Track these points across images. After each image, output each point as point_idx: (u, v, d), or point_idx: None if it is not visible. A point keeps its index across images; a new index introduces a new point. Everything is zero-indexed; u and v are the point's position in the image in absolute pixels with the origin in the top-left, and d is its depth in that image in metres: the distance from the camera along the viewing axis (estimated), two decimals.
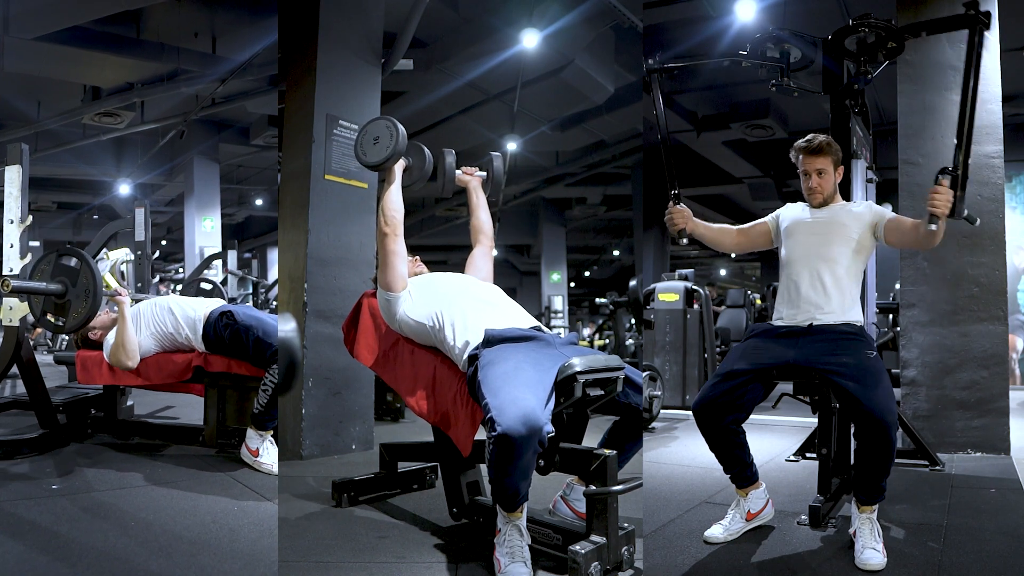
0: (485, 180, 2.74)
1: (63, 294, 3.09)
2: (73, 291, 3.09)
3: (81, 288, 3.07)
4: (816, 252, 2.38)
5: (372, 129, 2.40)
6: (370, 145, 2.38)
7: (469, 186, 2.71)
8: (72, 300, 3.09)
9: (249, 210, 14.90)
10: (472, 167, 2.73)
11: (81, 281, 3.08)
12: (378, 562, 2.09)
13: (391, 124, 2.35)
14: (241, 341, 3.04)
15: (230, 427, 3.26)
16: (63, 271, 3.13)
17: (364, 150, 2.39)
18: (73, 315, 3.09)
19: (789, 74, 2.97)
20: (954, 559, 2.08)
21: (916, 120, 3.86)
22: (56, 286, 3.09)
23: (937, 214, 2.11)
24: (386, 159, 2.34)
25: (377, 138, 2.37)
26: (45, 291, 3.08)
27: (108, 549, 2.05)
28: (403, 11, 4.32)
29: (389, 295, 2.34)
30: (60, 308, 3.13)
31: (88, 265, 3.08)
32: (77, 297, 3.09)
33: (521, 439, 1.76)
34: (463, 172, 2.70)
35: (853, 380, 2.13)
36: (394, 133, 2.33)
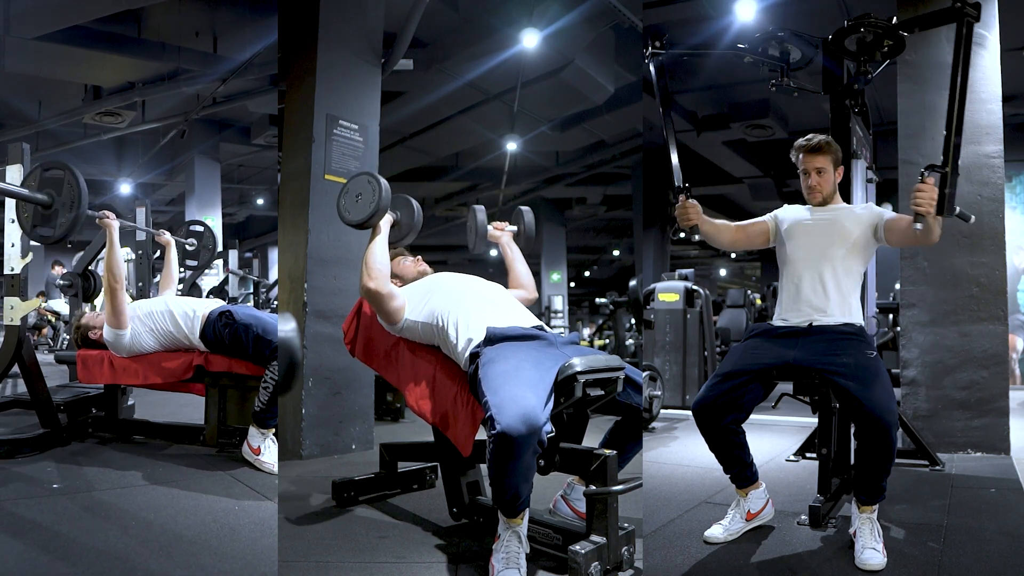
0: (516, 234, 2.69)
1: (50, 204, 3.09)
2: (59, 200, 3.08)
3: (67, 197, 3.07)
4: (817, 253, 2.38)
5: (354, 186, 2.31)
6: (352, 203, 2.30)
7: (501, 241, 2.67)
8: (59, 209, 3.09)
9: (250, 209, 14.91)
10: (502, 222, 2.69)
11: (66, 190, 3.07)
12: (378, 562, 2.09)
13: (373, 180, 2.27)
14: (241, 340, 3.05)
15: (231, 426, 3.26)
16: (49, 183, 3.13)
17: (347, 208, 2.31)
18: (60, 224, 3.09)
19: (789, 74, 2.98)
20: (954, 559, 2.09)
21: (916, 120, 3.86)
22: (43, 196, 3.10)
23: (920, 212, 2.07)
24: (369, 216, 2.27)
25: (359, 195, 2.28)
26: (31, 198, 3.08)
27: (108, 548, 2.05)
28: (403, 11, 4.32)
29: (393, 328, 2.36)
30: (47, 219, 3.14)
31: (73, 175, 3.07)
32: (63, 206, 3.08)
33: (521, 438, 1.76)
34: (494, 227, 2.66)
35: (853, 380, 2.13)
36: (376, 189, 2.25)
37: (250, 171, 12.48)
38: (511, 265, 2.67)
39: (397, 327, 2.34)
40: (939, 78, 3.84)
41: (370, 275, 2.26)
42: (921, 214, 2.06)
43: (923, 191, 2.06)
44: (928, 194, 2.06)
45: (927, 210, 2.05)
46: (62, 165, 3.13)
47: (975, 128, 3.77)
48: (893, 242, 2.36)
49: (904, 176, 3.87)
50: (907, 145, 3.88)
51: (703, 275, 21.18)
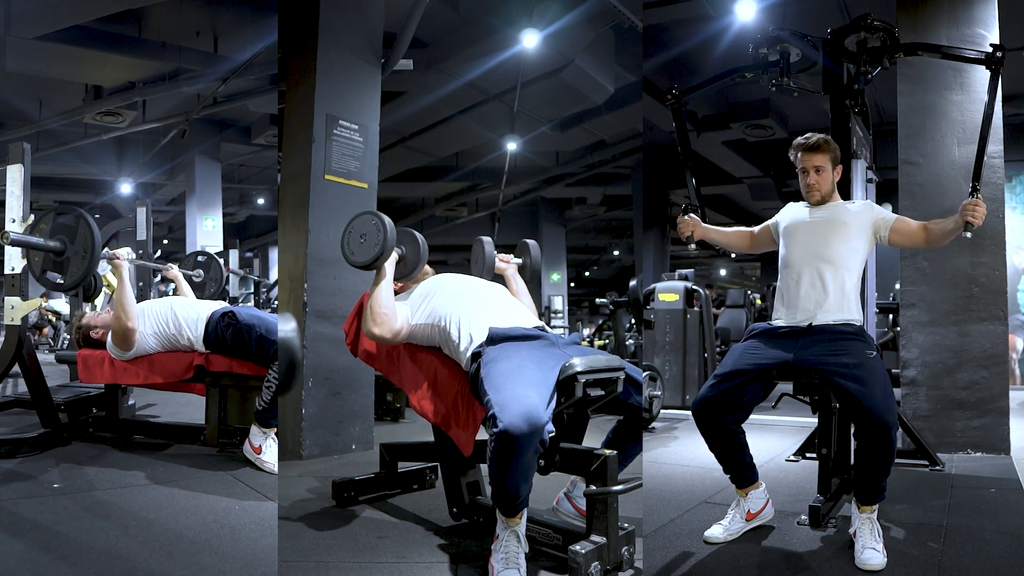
0: (522, 266, 2.70)
1: (62, 251, 3.09)
2: (71, 248, 3.08)
3: (80, 245, 3.07)
4: (816, 252, 2.38)
5: (358, 226, 2.25)
6: (357, 243, 2.24)
7: (506, 274, 2.68)
8: (71, 257, 3.09)
9: (251, 209, 14.91)
10: (508, 255, 2.70)
11: (79, 238, 3.07)
12: (378, 562, 2.10)
13: (378, 220, 2.21)
14: (244, 340, 3.05)
15: (231, 426, 3.27)
16: (62, 229, 3.13)
17: (351, 249, 2.25)
18: (72, 272, 3.09)
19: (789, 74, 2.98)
20: (954, 559, 2.09)
21: (916, 120, 3.87)
22: (55, 243, 3.09)
23: (975, 224, 2.23)
24: (375, 258, 2.21)
25: (364, 235, 2.22)
26: (44, 247, 3.08)
27: (109, 548, 2.06)
28: (403, 11, 4.32)
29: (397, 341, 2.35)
30: (59, 265, 3.13)
31: (87, 223, 3.07)
32: (76, 254, 3.08)
33: (523, 436, 1.76)
34: (500, 260, 2.66)
35: (853, 380, 2.13)
36: (381, 229, 2.19)
37: (251, 171, 12.48)
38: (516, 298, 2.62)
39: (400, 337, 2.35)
40: (939, 78, 3.84)
41: (375, 322, 2.23)
42: (974, 226, 2.24)
43: (980, 207, 2.23)
44: (983, 210, 2.24)
45: (979, 223, 2.24)
46: (77, 214, 3.12)
47: (975, 128, 3.76)
48: (898, 243, 2.42)
49: (904, 176, 3.88)
50: (907, 145, 3.88)
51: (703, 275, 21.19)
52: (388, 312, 2.25)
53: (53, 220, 3.15)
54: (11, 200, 3.30)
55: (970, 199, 2.24)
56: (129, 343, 3.17)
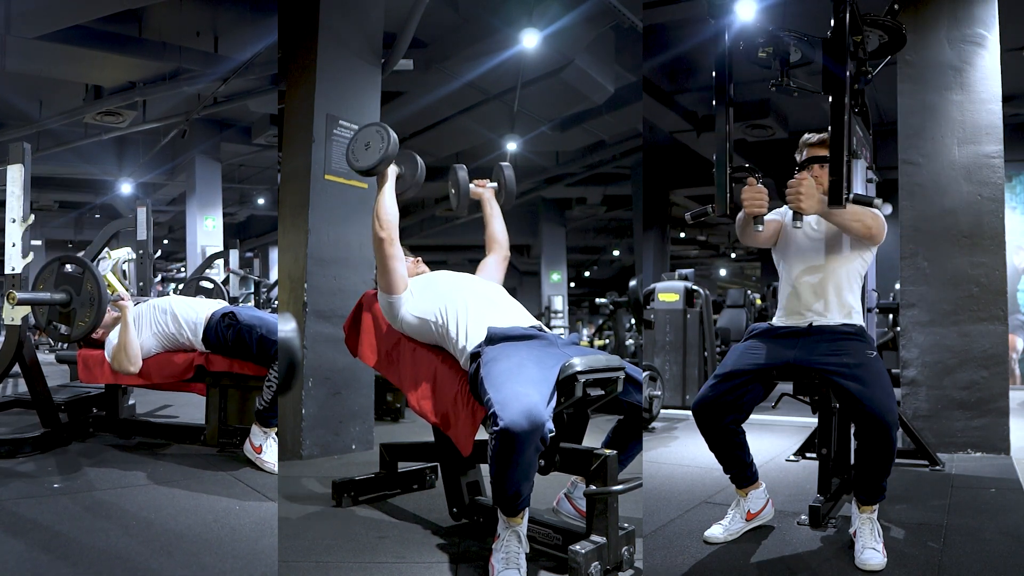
0: (497, 190, 2.76)
1: (68, 303, 3.11)
2: (78, 299, 3.11)
3: (85, 296, 3.09)
4: (816, 252, 2.38)
5: (363, 135, 2.41)
6: (361, 150, 2.39)
7: (483, 198, 2.73)
8: (77, 308, 3.11)
9: (251, 209, 14.91)
10: (483, 179, 2.76)
11: (85, 289, 3.09)
12: (378, 562, 2.10)
13: (382, 129, 2.36)
14: (245, 341, 3.05)
15: (232, 426, 3.27)
16: (66, 279, 3.15)
17: (356, 156, 2.40)
18: (79, 324, 3.11)
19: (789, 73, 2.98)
20: (954, 559, 2.09)
21: (916, 120, 3.87)
22: (61, 295, 3.11)
23: (794, 208, 2.03)
24: (377, 163, 2.35)
25: (368, 143, 2.38)
26: (50, 302, 3.10)
27: (109, 548, 2.06)
28: (403, 11, 4.32)
29: (391, 297, 2.35)
30: (65, 317, 3.14)
31: (92, 273, 3.09)
32: (82, 305, 3.10)
33: (524, 434, 1.76)
34: (475, 185, 2.72)
35: (853, 380, 2.13)
36: (385, 137, 2.34)
37: (251, 171, 12.48)
38: (489, 221, 2.73)
39: (397, 317, 2.34)
40: (939, 78, 3.84)
41: (381, 225, 2.32)
42: (794, 210, 2.03)
43: (790, 186, 2.03)
44: (794, 188, 2.03)
45: (797, 205, 2.03)
46: (80, 261, 3.15)
47: (975, 128, 3.78)
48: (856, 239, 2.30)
49: (904, 176, 3.88)
50: (907, 145, 3.88)
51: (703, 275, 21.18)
52: (392, 218, 2.34)
53: (57, 270, 3.16)
54: (11, 200, 3.30)
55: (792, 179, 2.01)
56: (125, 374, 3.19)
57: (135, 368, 3.14)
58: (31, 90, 8.09)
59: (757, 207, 2.10)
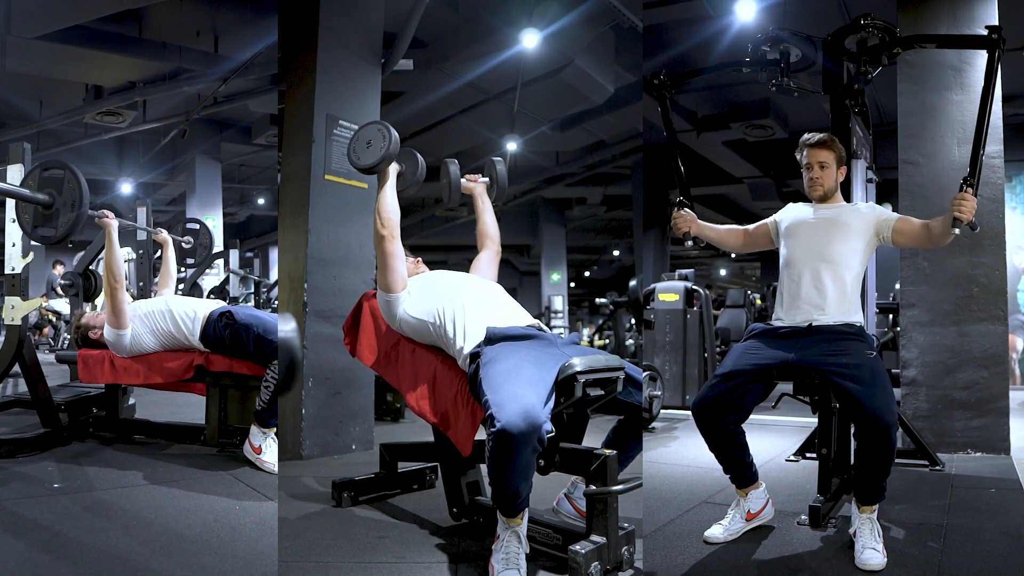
0: (489, 185, 2.76)
1: (50, 204, 3.09)
2: (60, 199, 3.08)
3: (68, 197, 3.07)
4: (817, 252, 2.38)
5: (364, 133, 2.41)
6: (363, 148, 2.39)
7: (475, 192, 2.74)
8: (60, 208, 3.09)
9: (251, 209, 14.91)
10: (475, 174, 2.76)
11: (67, 190, 3.07)
12: (378, 562, 2.10)
13: (383, 127, 2.37)
14: (242, 340, 3.05)
15: (231, 426, 3.26)
16: (49, 183, 3.13)
17: (357, 154, 2.40)
18: (62, 224, 3.09)
19: (789, 74, 2.98)
20: (954, 559, 2.09)
21: (916, 120, 3.87)
22: (44, 196, 3.10)
23: (963, 219, 2.21)
24: (379, 161, 2.35)
25: (370, 141, 2.38)
26: (32, 198, 3.08)
27: (109, 548, 2.06)
28: (403, 11, 4.32)
29: (389, 296, 2.35)
30: (48, 219, 3.13)
31: (73, 174, 3.07)
32: (64, 205, 3.08)
33: (521, 435, 1.76)
34: (467, 180, 2.72)
35: (853, 380, 2.13)
36: (386, 136, 2.34)
37: (251, 171, 12.48)
38: (480, 216, 2.73)
39: (396, 317, 2.34)
40: (939, 78, 3.84)
41: (383, 222, 2.33)
42: (962, 221, 2.21)
43: (968, 201, 2.21)
44: (971, 204, 2.22)
45: (968, 218, 2.21)
46: (62, 164, 3.12)
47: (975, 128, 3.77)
48: (900, 244, 2.42)
49: (904, 176, 3.88)
50: (907, 145, 3.88)
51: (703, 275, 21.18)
52: (394, 216, 2.36)
53: (40, 174, 3.15)
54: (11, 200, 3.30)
55: (959, 193, 2.23)
56: (120, 314, 3.18)
57: (119, 284, 3.18)
58: (31, 90, 8.09)
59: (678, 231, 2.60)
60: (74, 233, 3.11)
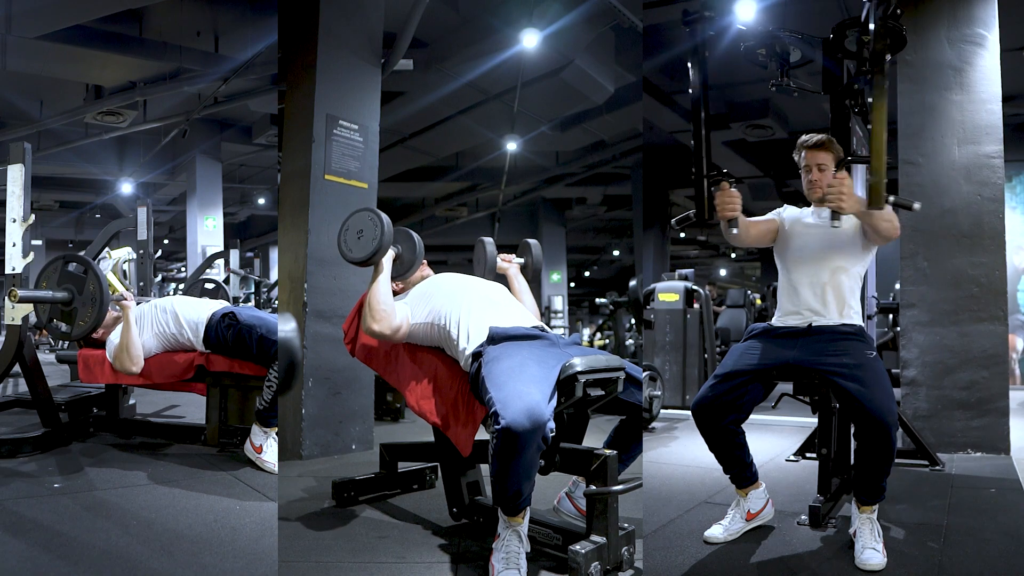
0: (524, 266, 2.71)
1: (69, 302, 3.11)
2: (79, 299, 3.11)
3: (87, 296, 3.09)
4: (816, 253, 2.38)
5: (355, 222, 2.29)
6: (354, 240, 2.28)
7: (508, 273, 2.69)
8: (79, 308, 3.11)
9: (251, 209, 14.91)
10: (510, 255, 2.71)
11: (87, 289, 3.09)
12: (378, 562, 2.10)
13: (375, 216, 2.25)
14: (245, 341, 3.05)
15: (232, 426, 3.27)
16: (69, 278, 3.15)
17: (348, 246, 2.29)
18: (80, 323, 3.11)
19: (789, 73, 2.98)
20: (954, 559, 2.09)
21: (916, 120, 3.87)
22: (63, 294, 3.11)
23: (833, 208, 2.06)
24: (372, 254, 2.25)
25: (361, 231, 2.26)
26: (52, 300, 3.10)
27: (110, 548, 2.06)
28: (403, 11, 4.32)
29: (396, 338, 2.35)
30: (67, 315, 3.14)
31: (94, 272, 3.09)
32: (83, 304, 3.11)
33: (525, 432, 1.76)
34: (502, 260, 2.67)
35: (853, 381, 2.13)
36: (378, 225, 2.23)
37: (251, 171, 12.48)
38: (518, 297, 2.64)
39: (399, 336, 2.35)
40: (939, 78, 3.84)
41: (374, 318, 2.25)
42: (834, 210, 2.06)
43: (832, 186, 2.06)
44: (836, 188, 2.05)
45: (839, 205, 2.05)
46: (85, 262, 3.15)
47: (975, 128, 3.78)
48: (874, 240, 2.32)
49: (904, 176, 3.88)
50: (907, 145, 3.88)
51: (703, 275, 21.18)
52: (387, 308, 2.26)
53: (60, 269, 3.16)
54: (12, 200, 3.30)
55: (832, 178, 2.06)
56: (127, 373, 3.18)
57: (136, 368, 3.13)
58: (32, 90, 8.10)
59: (730, 211, 2.20)
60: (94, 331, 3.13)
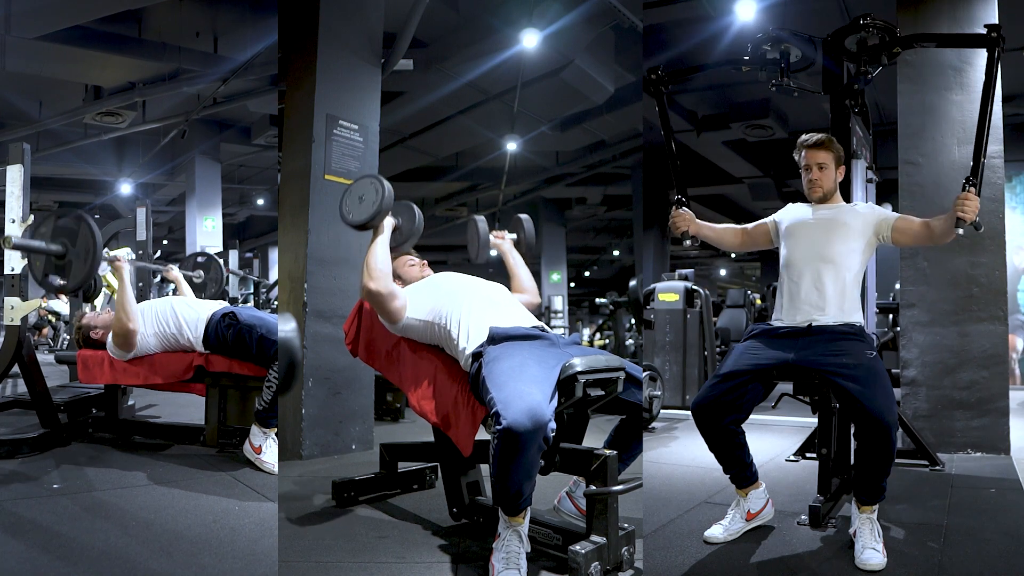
0: (517, 241, 2.73)
1: (63, 254, 3.09)
2: (73, 251, 3.10)
3: (81, 248, 3.08)
4: (817, 252, 2.38)
5: (356, 188, 2.33)
6: (355, 204, 2.31)
7: (502, 249, 2.71)
8: (72, 260, 3.10)
9: (250, 210, 14.90)
10: (502, 231, 2.73)
11: (81, 241, 3.08)
12: (378, 562, 2.10)
13: (377, 181, 2.28)
14: (245, 341, 3.05)
15: (231, 427, 3.26)
16: (63, 232, 3.14)
17: (349, 209, 2.31)
18: (73, 275, 3.09)
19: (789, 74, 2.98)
20: (954, 559, 2.09)
21: (916, 120, 3.87)
22: (56, 246, 3.09)
23: (966, 219, 2.20)
24: (371, 217, 2.27)
25: (362, 196, 2.30)
26: (46, 250, 3.09)
27: (109, 548, 2.06)
28: (403, 11, 4.32)
29: (395, 327, 2.36)
30: (60, 268, 3.14)
31: (88, 225, 3.08)
32: (77, 257, 3.09)
33: (526, 432, 1.76)
34: (494, 236, 2.69)
35: (853, 381, 2.13)
36: (380, 190, 2.26)
37: (251, 171, 12.48)
38: (513, 271, 2.70)
39: (398, 326, 2.34)
40: (939, 78, 3.84)
41: (371, 276, 2.25)
42: (965, 221, 2.21)
43: (970, 200, 2.21)
44: (974, 204, 2.21)
45: (972, 218, 2.20)
46: (77, 216, 3.13)
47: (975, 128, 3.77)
48: (901, 243, 2.42)
49: (904, 176, 3.88)
50: (907, 145, 3.88)
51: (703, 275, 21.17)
52: (384, 269, 2.27)
53: (54, 223, 3.15)
54: (11, 200, 3.30)
55: (962, 192, 2.23)
56: (130, 344, 3.17)
57: (133, 326, 3.13)
58: (31, 90, 8.09)
59: (676, 229, 2.57)
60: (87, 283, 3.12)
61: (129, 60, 6.99)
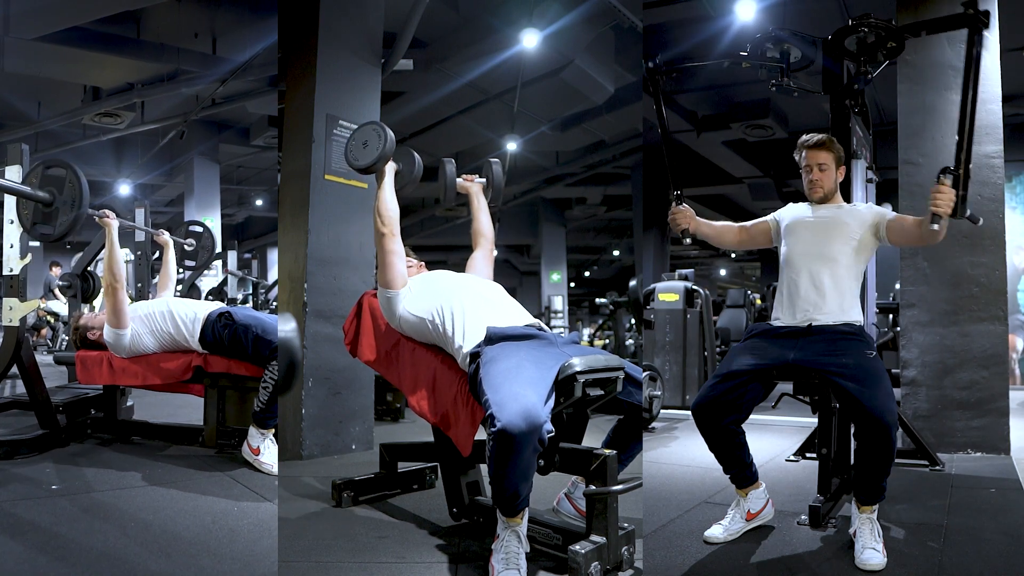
0: (485, 186, 2.79)
1: (50, 202, 3.09)
2: (60, 199, 3.09)
3: (68, 196, 3.07)
4: (816, 251, 2.38)
5: (360, 134, 2.44)
6: (359, 149, 2.43)
7: (470, 192, 2.76)
8: (59, 207, 3.09)
9: (249, 210, 14.91)
10: (472, 174, 2.79)
11: (67, 189, 3.07)
12: (378, 562, 2.09)
13: (379, 128, 2.40)
14: (240, 341, 3.04)
15: (230, 427, 3.26)
16: (51, 181, 3.13)
17: (354, 154, 2.44)
18: (60, 222, 3.09)
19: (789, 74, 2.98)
20: (954, 559, 2.08)
21: (916, 120, 3.86)
22: (44, 193, 3.09)
23: (939, 213, 2.12)
24: (375, 161, 2.39)
25: (366, 142, 2.42)
26: (32, 195, 3.07)
27: (107, 549, 2.05)
28: (403, 11, 4.32)
29: (389, 293, 2.35)
30: (48, 216, 3.13)
31: (75, 174, 3.07)
32: (64, 205, 3.08)
33: (521, 434, 1.76)
34: (463, 179, 2.75)
35: (853, 381, 2.13)
36: (382, 135, 2.38)
37: (249, 172, 12.48)
38: (476, 215, 2.76)
39: (394, 311, 2.34)
40: (939, 78, 3.84)
41: (383, 220, 2.35)
42: (939, 215, 2.12)
43: (943, 193, 2.13)
44: (947, 196, 2.12)
45: (945, 211, 2.12)
46: (64, 163, 3.13)
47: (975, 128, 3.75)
48: (896, 242, 2.39)
49: (904, 176, 3.87)
50: (907, 145, 3.88)
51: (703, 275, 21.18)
52: (393, 214, 2.38)
53: (42, 171, 3.15)
54: (10, 201, 3.29)
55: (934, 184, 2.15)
56: (121, 314, 3.17)
57: (119, 285, 3.17)
58: (30, 91, 8.09)
59: (676, 227, 2.53)
60: (73, 232, 3.11)
61: (128, 61, 6.99)
